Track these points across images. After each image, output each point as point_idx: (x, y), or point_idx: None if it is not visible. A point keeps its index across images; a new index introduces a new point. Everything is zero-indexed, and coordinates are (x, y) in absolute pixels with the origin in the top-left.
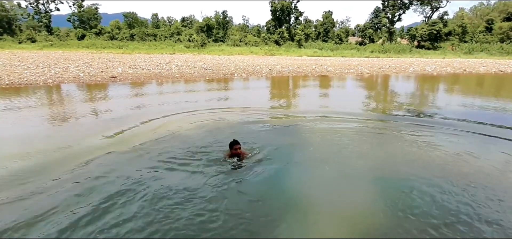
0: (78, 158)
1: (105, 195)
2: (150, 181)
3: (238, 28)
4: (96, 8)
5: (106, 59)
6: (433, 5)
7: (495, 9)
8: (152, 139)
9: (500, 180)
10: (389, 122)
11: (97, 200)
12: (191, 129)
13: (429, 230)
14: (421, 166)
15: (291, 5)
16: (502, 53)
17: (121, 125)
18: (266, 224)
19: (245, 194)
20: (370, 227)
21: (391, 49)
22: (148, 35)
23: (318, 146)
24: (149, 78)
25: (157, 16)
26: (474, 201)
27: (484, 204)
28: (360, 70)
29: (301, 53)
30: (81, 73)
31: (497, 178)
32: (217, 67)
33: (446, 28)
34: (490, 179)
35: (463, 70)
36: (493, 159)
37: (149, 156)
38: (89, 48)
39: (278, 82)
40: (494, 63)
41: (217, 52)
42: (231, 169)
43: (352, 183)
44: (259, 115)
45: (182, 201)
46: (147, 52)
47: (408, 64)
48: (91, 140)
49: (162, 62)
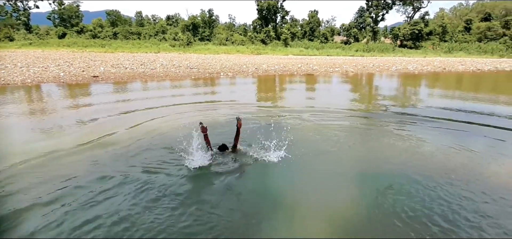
0: (57, 158)
1: (83, 199)
2: (129, 180)
3: (224, 27)
4: (78, 6)
5: (88, 58)
6: (415, 5)
7: (473, 9)
8: (131, 137)
9: (482, 172)
10: (373, 119)
11: (72, 201)
12: (174, 126)
13: (415, 226)
14: (405, 161)
15: (278, 4)
16: (479, 52)
17: (100, 120)
18: (251, 223)
19: (231, 191)
20: (354, 224)
21: (375, 48)
22: (132, 34)
23: (304, 142)
24: (133, 78)
25: (141, 14)
26: (453, 195)
27: (474, 199)
28: (345, 69)
29: (287, 52)
30: (62, 73)
31: (481, 172)
32: (203, 67)
33: (427, 28)
34: (475, 173)
35: (443, 69)
36: (476, 152)
37: (127, 154)
38: (70, 47)
39: (264, 81)
40: (472, 62)
41: (203, 51)
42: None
43: (337, 180)
44: (246, 111)
45: (159, 197)
46: (131, 51)
47: (391, 63)
48: (68, 138)
49: (146, 61)
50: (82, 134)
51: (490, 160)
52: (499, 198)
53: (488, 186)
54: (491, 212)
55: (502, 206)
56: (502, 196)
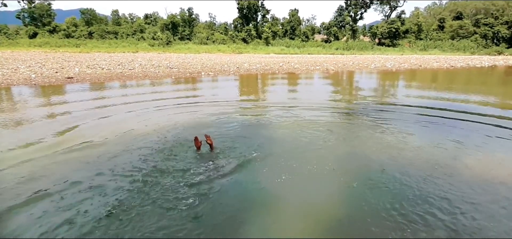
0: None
1: (53, 206)
2: (109, 184)
3: (205, 25)
4: (49, 4)
5: (61, 59)
6: (392, 4)
7: (446, 8)
8: (110, 137)
9: (457, 166)
10: (354, 115)
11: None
12: (156, 126)
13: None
14: (387, 157)
15: (258, 3)
16: (453, 49)
17: (77, 121)
18: (234, 223)
19: (212, 192)
20: (336, 222)
21: (354, 46)
22: (108, 33)
23: (286, 139)
24: (110, 79)
25: (117, 12)
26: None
27: (455, 193)
28: (326, 67)
29: (269, 50)
30: (33, 75)
31: (457, 166)
32: (183, 66)
33: (404, 27)
34: (455, 167)
35: (419, 66)
36: (454, 145)
37: (104, 158)
38: (42, 47)
39: (246, 80)
40: (446, 59)
41: (184, 51)
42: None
43: (318, 177)
44: (227, 110)
45: (137, 195)
46: (108, 51)
47: (370, 60)
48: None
49: (124, 61)
50: (55, 139)
51: (468, 152)
52: (478, 190)
53: (468, 179)
54: (463, 206)
55: (479, 200)
56: (484, 188)
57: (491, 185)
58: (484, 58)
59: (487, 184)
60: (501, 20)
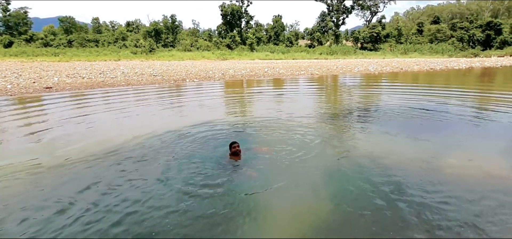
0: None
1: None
2: (110, 189)
3: (188, 32)
4: (25, 12)
5: (39, 69)
6: (372, 9)
7: (424, 13)
8: (97, 150)
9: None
10: (339, 117)
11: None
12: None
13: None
14: (373, 159)
15: (242, 9)
16: (431, 52)
17: (55, 132)
18: (226, 225)
19: (205, 194)
20: (324, 224)
21: (338, 50)
22: (88, 41)
23: (275, 144)
24: (91, 87)
25: (98, 20)
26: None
27: (440, 190)
28: (310, 72)
29: (254, 56)
30: (9, 85)
31: (438, 163)
32: (167, 73)
33: (384, 31)
34: (437, 165)
35: (400, 69)
36: (438, 142)
37: (101, 166)
38: (18, 57)
39: (232, 86)
40: (425, 62)
41: (167, 58)
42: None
43: (307, 179)
44: (212, 118)
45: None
46: (88, 59)
47: (353, 64)
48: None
49: (105, 69)
50: (34, 151)
51: (451, 149)
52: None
53: (452, 175)
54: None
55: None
56: (468, 188)
57: (475, 180)
58: (461, 61)
59: (472, 179)
60: (475, 24)
